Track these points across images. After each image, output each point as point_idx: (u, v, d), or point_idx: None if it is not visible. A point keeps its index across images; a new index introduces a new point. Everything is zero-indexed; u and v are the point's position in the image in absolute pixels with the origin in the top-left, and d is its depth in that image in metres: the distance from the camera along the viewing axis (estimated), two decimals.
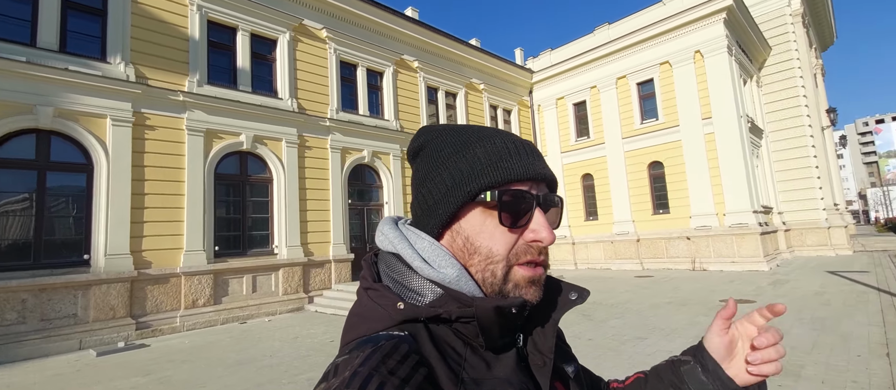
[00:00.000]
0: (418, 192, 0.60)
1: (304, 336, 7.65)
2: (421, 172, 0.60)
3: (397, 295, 0.54)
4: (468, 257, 0.55)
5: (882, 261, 13.70)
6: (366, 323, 0.52)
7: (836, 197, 19.32)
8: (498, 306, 0.50)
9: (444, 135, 0.61)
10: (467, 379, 0.49)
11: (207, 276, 9.08)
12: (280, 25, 11.11)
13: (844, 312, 6.95)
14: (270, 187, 10.63)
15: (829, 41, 27.62)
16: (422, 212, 0.59)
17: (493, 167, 0.55)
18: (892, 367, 4.43)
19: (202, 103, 9.46)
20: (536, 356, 0.57)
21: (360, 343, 0.48)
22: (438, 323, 0.52)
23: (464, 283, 0.53)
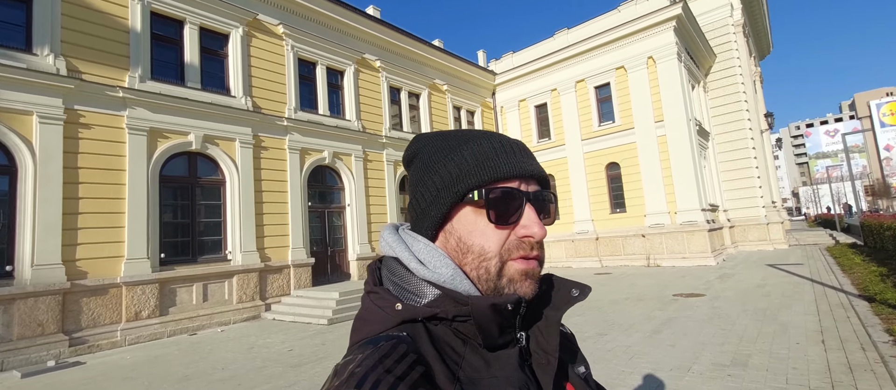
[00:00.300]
0: (412, 198, 0.62)
1: (260, 345, 7.28)
2: (414, 178, 0.62)
3: (396, 297, 0.55)
4: (462, 256, 0.56)
5: (813, 254, 14.86)
6: (368, 325, 0.54)
7: (774, 195, 20.83)
8: (493, 303, 0.51)
9: (433, 140, 0.63)
10: (464, 377, 0.49)
11: (152, 286, 8.45)
12: (232, 20, 10.56)
13: (783, 303, 7.44)
14: (223, 190, 10.07)
15: (766, 51, 29.80)
16: (416, 216, 0.61)
17: (480, 167, 0.57)
18: (827, 353, 4.74)
19: (145, 100, 8.81)
20: (540, 355, 0.57)
21: (361, 345, 0.49)
22: (437, 323, 0.53)
23: (459, 282, 0.54)
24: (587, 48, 16.89)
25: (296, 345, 7.08)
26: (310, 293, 10.16)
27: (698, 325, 6.32)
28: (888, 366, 4.14)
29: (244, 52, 10.74)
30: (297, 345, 7.07)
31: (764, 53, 29.79)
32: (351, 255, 12.54)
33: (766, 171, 19.81)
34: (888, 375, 3.98)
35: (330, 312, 8.99)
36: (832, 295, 7.82)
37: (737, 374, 4.33)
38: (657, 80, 15.38)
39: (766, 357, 4.77)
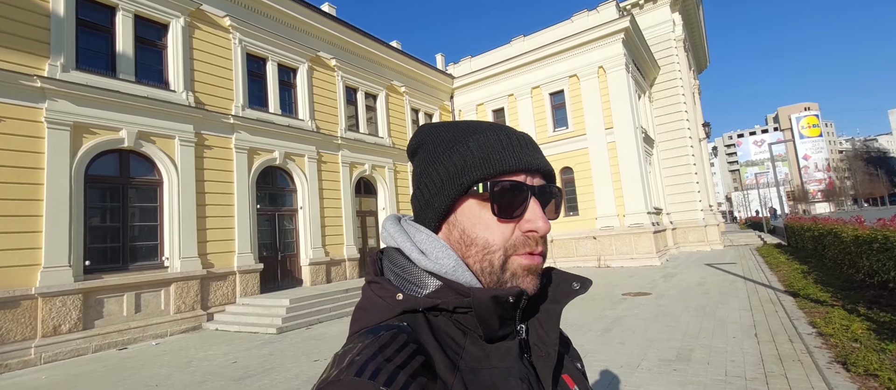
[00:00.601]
0: (416, 188, 0.61)
1: (200, 359, 6.75)
2: (418, 169, 0.61)
3: (397, 287, 0.55)
4: (465, 248, 0.56)
5: (745, 254, 16.06)
6: (368, 315, 0.53)
7: (711, 199, 22.38)
8: (495, 296, 0.50)
9: (439, 131, 0.62)
10: (465, 367, 0.49)
11: (74, 297, 7.63)
12: (172, 9, 9.83)
13: (721, 299, 7.92)
14: (160, 191, 9.32)
15: (703, 65, 32.09)
16: (420, 207, 0.60)
17: (486, 159, 0.56)
18: (760, 346, 5.06)
19: (68, 91, 7.97)
20: (540, 347, 0.57)
21: (361, 334, 0.49)
22: (437, 314, 0.53)
23: (461, 274, 0.54)
24: (542, 56, 17.36)
25: (240, 357, 6.63)
26: (257, 301, 9.61)
27: (646, 323, 6.57)
28: (813, 357, 4.46)
29: (186, 44, 10.03)
30: (241, 357, 6.62)
31: (701, 67, 32.08)
32: (303, 260, 12.03)
33: (703, 177, 21.24)
34: (813, 365, 4.29)
35: (279, 321, 8.53)
36: (762, 291, 8.43)
37: (681, 369, 4.50)
38: (607, 88, 16.06)
39: (707, 351, 5.02)
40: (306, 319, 8.86)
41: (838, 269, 9.20)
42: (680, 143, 19.59)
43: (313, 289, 10.71)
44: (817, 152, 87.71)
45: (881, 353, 4.20)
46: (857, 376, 3.84)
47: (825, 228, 10.65)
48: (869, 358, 4.08)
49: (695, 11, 23.47)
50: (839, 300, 6.70)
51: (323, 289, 10.50)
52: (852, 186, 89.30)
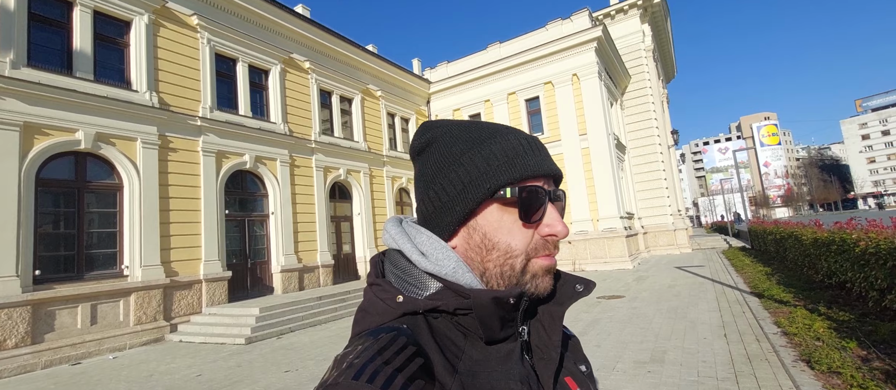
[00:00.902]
0: (429, 190, 0.58)
1: (161, 372, 6.38)
2: (430, 169, 0.59)
3: (398, 289, 0.54)
4: (486, 253, 0.55)
5: (712, 257, 16.61)
6: (369, 317, 0.53)
7: (679, 204, 23.11)
8: (495, 297, 0.50)
9: (454, 130, 0.59)
10: (464, 369, 0.49)
11: (22, 309, 7.10)
12: (135, 5, 9.40)
13: (691, 301, 8.11)
14: (120, 196, 8.83)
15: (671, 75, 33.28)
16: (433, 210, 0.57)
17: (510, 164, 0.55)
18: (729, 346, 5.17)
19: (17, 89, 7.46)
20: (541, 349, 0.57)
21: (361, 336, 0.49)
22: (437, 316, 0.52)
23: (461, 275, 0.53)
24: (518, 62, 17.57)
25: (206, 369, 6.30)
26: (225, 310, 9.22)
27: (620, 326, 6.64)
28: (779, 355, 4.59)
29: (150, 43, 9.60)
30: (207, 369, 6.30)
31: (670, 77, 33.26)
32: (274, 267, 11.64)
33: (672, 183, 21.92)
34: (780, 363, 4.41)
35: (248, 330, 8.19)
36: (730, 292, 8.70)
37: (656, 370, 4.54)
38: (581, 95, 16.38)
39: (679, 352, 5.09)
40: (277, 328, 8.55)
41: (799, 271, 9.60)
42: (650, 150, 20.16)
43: (285, 297, 10.36)
44: (777, 159, 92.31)
45: (842, 351, 4.35)
46: (821, 374, 3.96)
47: (786, 232, 11.12)
48: (831, 356, 4.22)
49: (663, 23, 24.33)
50: (801, 300, 6.97)
51: (295, 297, 10.18)
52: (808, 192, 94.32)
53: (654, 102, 20.78)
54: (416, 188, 0.61)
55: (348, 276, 14.11)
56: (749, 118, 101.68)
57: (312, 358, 6.41)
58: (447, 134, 0.59)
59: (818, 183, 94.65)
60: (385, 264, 0.60)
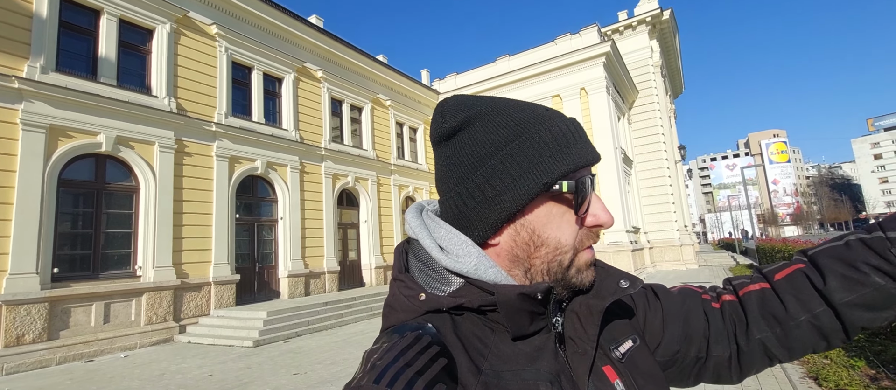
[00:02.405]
0: (466, 182, 0.51)
1: (173, 371, 6.53)
2: (467, 157, 0.51)
3: (421, 285, 0.52)
4: (534, 250, 0.51)
5: (719, 274, 16.53)
6: (394, 313, 0.52)
7: (686, 220, 23.04)
8: (521, 292, 0.47)
9: (494, 113, 0.52)
10: (488, 369, 0.47)
11: (40, 305, 7.31)
12: (158, 14, 9.76)
13: None
14: (136, 198, 9.08)
15: (679, 90, 33.37)
16: (475, 204, 0.51)
17: (563, 153, 0.50)
18: None
19: (46, 93, 7.77)
20: (577, 343, 0.53)
21: (387, 332, 0.49)
22: (462, 313, 0.50)
23: (483, 271, 0.50)
24: (527, 75, 17.80)
25: (216, 370, 6.44)
26: (233, 313, 9.38)
27: None
28: (786, 372, 4.64)
29: (170, 51, 9.93)
30: (217, 370, 6.43)
31: (677, 93, 33.35)
32: (281, 272, 11.81)
33: (679, 198, 21.90)
34: (787, 379, 4.46)
35: (256, 333, 8.33)
36: None
37: None
38: (589, 109, 16.54)
39: None
40: (284, 332, 8.68)
41: None
42: (657, 165, 20.21)
43: (292, 302, 10.51)
44: (786, 177, 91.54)
45: (851, 369, 4.40)
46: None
47: (794, 250, 11.12)
48: (839, 373, 4.27)
49: (671, 39, 24.52)
50: None
51: (301, 302, 10.32)
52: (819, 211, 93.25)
53: (661, 117, 20.87)
54: (445, 179, 0.54)
55: (354, 283, 14.24)
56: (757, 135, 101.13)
57: (320, 362, 6.53)
58: (487, 116, 0.52)
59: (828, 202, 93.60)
60: (409, 256, 0.57)
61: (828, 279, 0.56)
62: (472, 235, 0.52)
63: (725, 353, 0.61)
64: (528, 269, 0.52)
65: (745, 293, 0.62)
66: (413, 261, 0.55)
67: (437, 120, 0.54)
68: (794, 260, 0.61)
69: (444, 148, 0.54)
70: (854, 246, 0.56)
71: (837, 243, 0.58)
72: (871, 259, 0.54)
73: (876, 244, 0.54)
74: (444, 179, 0.54)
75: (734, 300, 0.63)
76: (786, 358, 0.60)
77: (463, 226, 0.53)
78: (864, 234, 0.56)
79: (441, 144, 0.54)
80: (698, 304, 0.64)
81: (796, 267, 0.60)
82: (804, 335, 0.57)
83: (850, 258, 0.56)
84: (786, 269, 0.60)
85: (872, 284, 0.53)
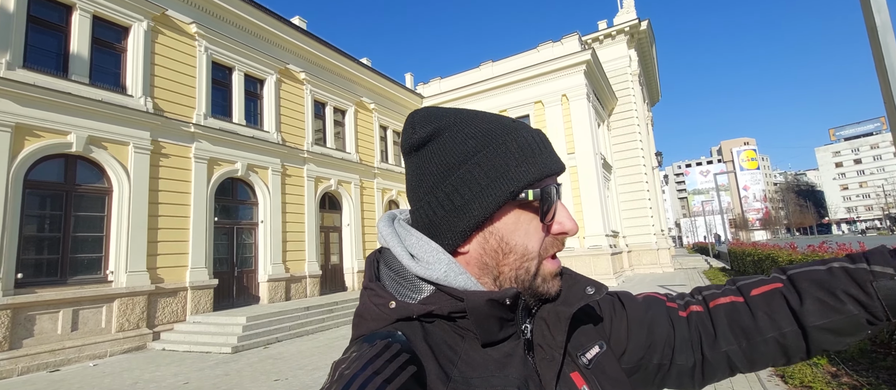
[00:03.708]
0: (435, 191, 0.53)
1: (146, 380, 6.30)
2: (436, 167, 0.53)
3: (391, 293, 0.52)
4: (502, 257, 0.52)
5: (693, 277, 17.02)
6: (365, 322, 0.52)
7: (662, 224, 23.65)
8: (490, 299, 0.48)
9: (462, 124, 0.54)
10: (458, 376, 0.47)
11: (1, 313, 6.95)
12: (135, 12, 9.47)
13: None
14: (109, 200, 8.76)
15: (656, 98, 34.32)
16: (445, 213, 0.52)
17: (529, 162, 0.52)
18: None
19: (11, 90, 7.43)
20: (545, 349, 0.54)
21: (357, 343, 0.48)
22: (433, 320, 0.50)
23: (453, 278, 0.51)
24: (510, 81, 18.01)
25: (192, 378, 6.24)
26: (210, 318, 9.12)
27: None
28: (758, 375, 4.80)
29: (147, 49, 9.64)
30: (194, 378, 6.24)
31: (654, 100, 34.29)
32: (261, 277, 11.56)
33: (656, 203, 22.48)
34: (756, 377, 4.62)
35: (234, 339, 8.12)
36: None
37: None
38: (570, 115, 16.84)
39: None
40: (264, 338, 8.49)
41: None
42: (635, 171, 20.70)
43: (271, 307, 10.29)
44: (755, 183, 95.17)
45: (814, 367, 4.60)
46: (794, 387, 4.18)
47: (764, 253, 11.54)
48: (804, 371, 4.45)
49: (649, 48, 25.23)
50: None
51: (282, 307, 10.12)
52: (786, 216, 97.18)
53: (639, 124, 21.41)
54: (415, 188, 0.55)
55: (336, 287, 14.05)
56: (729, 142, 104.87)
57: (301, 368, 6.41)
58: (455, 126, 0.54)
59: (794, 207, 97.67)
60: (380, 264, 0.57)
61: (805, 301, 0.58)
62: (443, 243, 0.53)
63: (689, 362, 0.62)
64: (497, 277, 0.53)
65: (715, 305, 0.64)
66: (384, 269, 0.55)
67: (408, 131, 0.55)
68: (772, 277, 0.63)
69: (414, 158, 0.55)
70: (837, 273, 0.58)
71: (820, 268, 0.60)
72: (851, 288, 0.56)
73: (858, 275, 0.56)
74: (414, 189, 0.55)
75: (703, 311, 0.64)
76: (747, 369, 0.62)
77: (433, 234, 0.53)
78: (848, 263, 0.58)
79: (411, 154, 0.55)
80: (663, 312, 0.65)
81: (775, 286, 0.61)
82: (769, 350, 0.60)
83: (830, 285, 0.57)
84: (764, 286, 0.62)
85: (846, 312, 0.56)
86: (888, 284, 0.54)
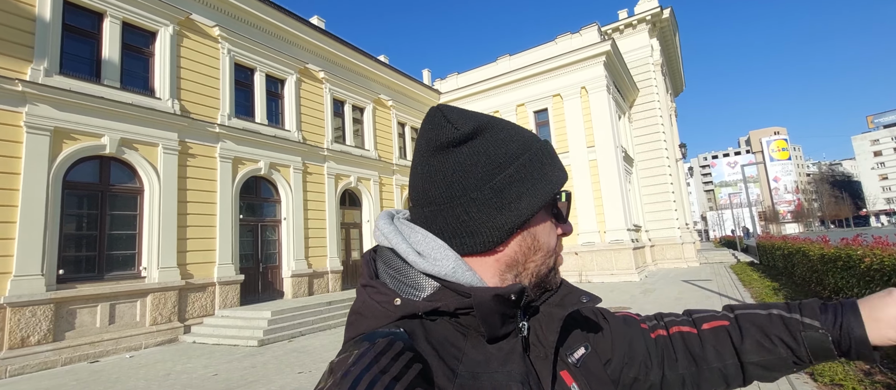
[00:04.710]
0: (481, 188, 0.52)
1: (178, 371, 6.58)
2: (483, 164, 0.53)
3: (394, 291, 0.52)
4: (532, 254, 0.56)
5: (720, 271, 16.56)
6: (365, 320, 0.51)
7: (687, 218, 23.07)
8: (497, 294, 0.49)
9: (499, 126, 0.56)
10: (464, 372, 0.48)
11: (45, 307, 7.37)
12: (161, 17, 9.80)
13: None
14: (140, 199, 9.14)
15: (680, 88, 33.37)
16: (489, 211, 0.53)
17: (557, 168, 0.58)
18: None
19: (50, 96, 7.82)
20: (539, 348, 0.57)
21: (357, 340, 0.47)
22: (436, 318, 0.51)
23: (461, 274, 0.52)
24: (527, 75, 17.83)
25: (221, 370, 6.49)
26: (237, 313, 9.43)
27: None
28: None
29: (173, 53, 9.98)
30: (223, 370, 6.49)
31: (678, 91, 33.35)
32: (285, 272, 11.87)
33: (680, 196, 21.93)
34: (787, 381, 4.50)
35: (260, 333, 8.38)
36: None
37: None
38: (589, 108, 16.57)
39: None
40: (289, 332, 8.74)
41: (807, 286, 9.61)
42: (658, 163, 20.23)
43: (295, 302, 10.56)
44: (787, 175, 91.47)
45: (845, 365, 4.44)
46: (823, 386, 4.06)
47: (794, 247, 11.13)
48: (834, 369, 4.31)
49: (672, 38, 24.53)
50: None
51: (305, 302, 10.37)
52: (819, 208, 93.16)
53: (662, 116, 20.89)
54: (449, 186, 0.53)
55: (356, 282, 14.24)
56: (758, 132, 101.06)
57: (324, 361, 6.57)
58: (494, 126, 0.56)
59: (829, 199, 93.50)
60: (378, 263, 0.57)
61: (745, 340, 0.68)
62: (475, 243, 0.53)
63: (656, 379, 0.70)
64: (519, 274, 0.56)
65: (676, 332, 0.73)
66: (383, 267, 0.56)
67: (444, 126, 0.53)
68: (722, 315, 0.73)
69: (451, 154, 0.53)
70: (774, 319, 0.68)
71: (762, 312, 0.70)
72: (784, 335, 0.66)
73: (791, 324, 0.66)
74: (447, 186, 0.53)
75: (666, 336, 0.73)
76: None
77: (461, 233, 0.53)
78: (784, 312, 0.68)
79: (446, 150, 0.53)
80: (639, 332, 0.72)
81: (722, 323, 0.71)
82: (713, 377, 0.69)
83: (767, 329, 0.68)
84: (713, 322, 0.72)
85: (777, 353, 0.66)
86: (814, 335, 0.64)
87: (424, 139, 0.56)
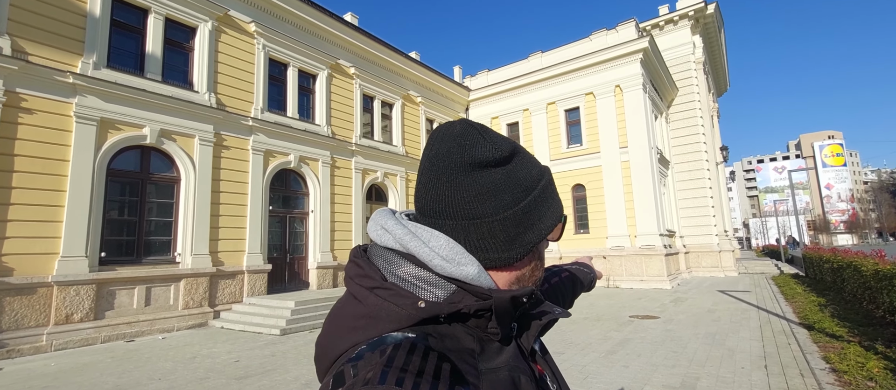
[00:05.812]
0: (515, 206, 0.56)
1: (203, 355, 6.83)
2: (521, 184, 0.57)
3: (414, 294, 0.52)
4: (538, 264, 0.62)
5: (760, 283, 15.64)
6: (379, 323, 0.50)
7: (726, 224, 21.92)
8: (513, 296, 0.52)
9: (526, 152, 0.62)
10: (484, 369, 0.50)
11: (88, 287, 7.83)
12: (201, 13, 10.19)
13: (731, 328, 7.72)
14: (177, 188, 9.56)
15: (723, 88, 31.70)
16: (521, 229, 0.57)
17: (556, 192, 0.65)
18: (769, 378, 4.91)
19: (97, 88, 8.29)
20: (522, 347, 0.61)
21: (372, 344, 0.47)
22: (451, 322, 0.52)
23: (484, 279, 0.54)
24: (559, 72, 17.40)
25: (243, 356, 6.69)
26: (263, 301, 9.71)
27: (652, 347, 6.44)
28: (811, 368, 4.31)
29: (211, 47, 10.36)
30: (244, 356, 6.69)
31: (721, 91, 31.68)
32: (311, 263, 12.13)
33: (719, 201, 20.84)
34: (810, 372, 4.15)
35: (283, 322, 8.60)
36: (776, 322, 8.20)
37: None
38: (623, 107, 15.99)
39: (713, 380, 4.89)
40: (310, 322, 8.92)
41: (858, 304, 8.90)
42: (696, 166, 19.31)
43: (319, 293, 10.78)
44: (841, 182, 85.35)
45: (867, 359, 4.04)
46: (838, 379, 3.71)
47: (845, 261, 10.33)
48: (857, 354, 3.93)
49: (716, 35, 23.30)
50: (856, 336, 6.48)
51: (329, 293, 10.56)
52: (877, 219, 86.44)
53: (702, 117, 19.91)
54: (482, 202, 0.55)
55: None
56: (810, 136, 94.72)
57: None
58: (523, 151, 0.61)
59: (889, 209, 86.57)
60: (378, 263, 0.56)
61: (576, 286, 1.14)
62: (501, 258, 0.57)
63: None
64: (523, 284, 0.61)
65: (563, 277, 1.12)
66: (387, 268, 0.55)
67: (482, 145, 0.56)
68: (564, 269, 1.16)
69: (487, 173, 0.55)
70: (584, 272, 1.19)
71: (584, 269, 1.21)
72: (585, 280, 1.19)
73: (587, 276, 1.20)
74: (479, 202, 0.55)
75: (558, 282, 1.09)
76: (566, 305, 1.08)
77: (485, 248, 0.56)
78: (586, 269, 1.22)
79: (483, 169, 0.55)
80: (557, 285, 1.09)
81: (567, 275, 1.13)
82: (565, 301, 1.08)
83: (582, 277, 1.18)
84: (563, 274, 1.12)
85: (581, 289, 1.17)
86: (591, 276, 1.22)
87: (457, 154, 0.55)
